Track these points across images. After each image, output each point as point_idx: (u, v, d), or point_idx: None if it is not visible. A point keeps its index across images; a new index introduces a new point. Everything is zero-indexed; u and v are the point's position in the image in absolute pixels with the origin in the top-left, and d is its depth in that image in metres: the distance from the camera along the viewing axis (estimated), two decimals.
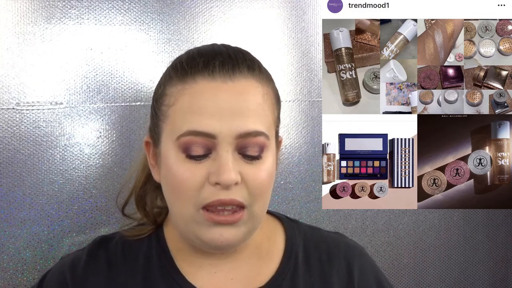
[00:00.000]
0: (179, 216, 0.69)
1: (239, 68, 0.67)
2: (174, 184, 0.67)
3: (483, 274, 1.20)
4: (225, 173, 0.64)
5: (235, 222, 0.66)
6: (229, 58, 0.68)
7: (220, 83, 0.66)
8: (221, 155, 0.65)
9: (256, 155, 0.67)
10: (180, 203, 0.67)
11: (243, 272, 0.74)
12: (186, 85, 0.67)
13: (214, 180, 0.64)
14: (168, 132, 0.68)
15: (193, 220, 0.67)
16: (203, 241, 0.68)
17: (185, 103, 0.66)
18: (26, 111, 0.88)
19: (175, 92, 0.68)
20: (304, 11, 1.07)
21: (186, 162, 0.66)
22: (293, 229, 0.79)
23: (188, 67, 0.68)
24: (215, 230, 0.66)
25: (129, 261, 0.74)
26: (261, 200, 0.68)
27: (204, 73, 0.66)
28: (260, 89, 0.69)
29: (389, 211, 1.13)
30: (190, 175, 0.65)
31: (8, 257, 0.87)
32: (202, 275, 0.73)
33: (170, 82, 0.69)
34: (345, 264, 0.77)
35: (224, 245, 0.67)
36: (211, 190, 0.65)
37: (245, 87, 0.67)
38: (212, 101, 0.65)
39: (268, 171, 0.68)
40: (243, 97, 0.66)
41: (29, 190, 0.88)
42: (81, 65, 0.91)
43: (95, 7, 0.92)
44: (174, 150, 0.67)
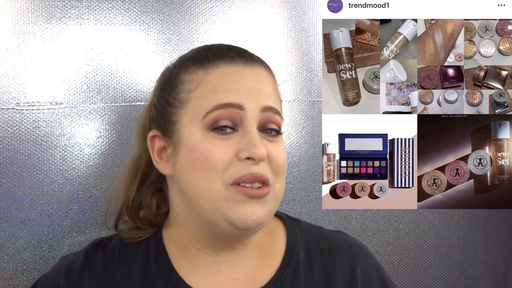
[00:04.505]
0: (206, 197, 0.67)
1: (255, 60, 0.72)
2: (202, 162, 0.66)
3: (483, 274, 1.20)
4: (257, 147, 0.65)
5: (265, 195, 0.66)
6: (243, 50, 0.73)
7: (242, 67, 0.70)
8: (249, 130, 0.67)
9: (277, 129, 0.70)
10: (208, 179, 0.66)
11: (245, 272, 0.73)
12: (208, 69, 0.70)
13: (245, 155, 0.65)
14: (191, 116, 0.69)
15: (223, 198, 0.66)
16: (234, 221, 0.66)
17: (209, 85, 0.69)
18: (26, 111, 0.88)
19: (196, 77, 0.70)
20: (304, 11, 1.07)
21: (213, 139, 0.67)
22: (294, 228, 0.79)
23: (210, 53, 0.71)
24: (246, 207, 0.66)
25: (126, 264, 0.73)
26: (281, 179, 0.70)
27: (225, 59, 0.70)
28: (272, 78, 0.74)
29: (389, 211, 1.13)
30: (218, 151, 0.66)
31: (8, 257, 0.87)
32: (203, 275, 0.72)
33: (187, 70, 0.71)
34: (348, 264, 0.76)
35: (254, 224, 0.66)
36: (241, 165, 0.66)
37: (262, 74, 0.72)
38: (236, 81, 0.69)
39: (285, 151, 0.72)
40: (262, 81, 0.71)
41: (29, 190, 0.88)
42: (81, 65, 0.91)
43: (95, 7, 0.92)
44: (200, 130, 0.67)
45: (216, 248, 0.72)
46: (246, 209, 0.66)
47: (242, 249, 0.73)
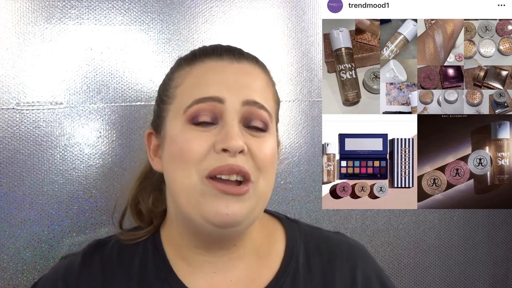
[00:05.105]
0: (183, 188, 0.66)
1: (245, 56, 0.71)
2: (179, 153, 0.66)
3: (483, 274, 1.20)
4: (232, 139, 0.64)
5: (242, 194, 0.65)
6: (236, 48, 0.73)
7: (228, 63, 0.69)
8: (228, 122, 0.66)
9: (261, 126, 0.68)
10: (184, 172, 0.66)
11: (243, 274, 0.73)
12: (194, 65, 0.70)
13: (221, 147, 0.64)
14: (175, 111, 0.69)
15: (198, 191, 0.65)
16: (207, 215, 0.64)
17: (192, 80, 0.69)
18: (26, 111, 0.88)
19: (183, 73, 0.71)
20: (304, 11, 1.07)
21: (192, 130, 0.66)
22: (293, 230, 0.78)
23: (197, 52, 0.72)
24: (220, 201, 0.64)
25: (124, 265, 0.73)
26: (266, 177, 0.68)
27: (212, 56, 0.70)
28: (264, 76, 0.72)
29: (389, 211, 1.13)
30: (195, 142, 0.65)
31: (8, 257, 0.87)
32: (200, 276, 0.72)
33: (177, 68, 0.73)
34: (347, 266, 0.76)
35: (229, 220, 0.64)
36: (217, 157, 0.65)
37: (251, 70, 0.71)
38: (219, 75, 0.68)
39: (272, 148, 0.69)
40: (249, 76, 0.70)
41: (29, 190, 0.88)
42: (81, 65, 0.91)
43: (95, 7, 0.92)
44: (181, 123, 0.67)
45: (207, 248, 0.71)
46: (220, 203, 0.64)
47: (235, 250, 0.72)
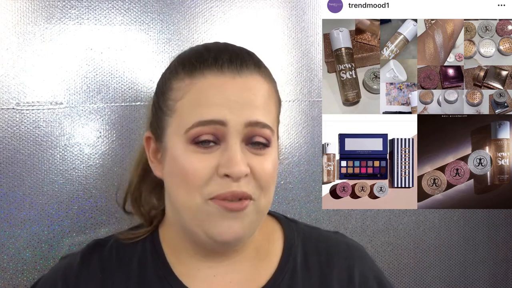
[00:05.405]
0: (186, 208, 0.67)
1: (246, 65, 0.69)
2: (182, 175, 0.66)
3: (483, 274, 1.20)
4: (236, 165, 0.64)
5: (243, 208, 0.65)
6: (237, 54, 0.69)
7: (229, 78, 0.67)
8: (231, 146, 0.65)
9: (263, 142, 0.67)
10: (187, 194, 0.66)
11: (242, 275, 0.73)
12: (194, 79, 0.67)
13: (223, 172, 0.64)
14: (176, 127, 0.68)
15: (203, 211, 0.65)
16: (212, 235, 0.66)
17: (193, 97, 0.67)
18: (26, 111, 0.88)
19: (183, 86, 0.68)
20: (304, 11, 1.07)
21: (194, 152, 0.66)
22: (291, 230, 0.78)
23: (197, 62, 0.68)
24: (224, 223, 0.65)
25: (123, 265, 0.73)
26: (267, 194, 0.68)
27: (213, 68, 0.67)
28: (266, 85, 0.70)
29: (389, 211, 1.13)
30: (199, 165, 0.65)
31: (8, 257, 0.87)
32: (200, 278, 0.72)
33: (177, 77, 0.70)
34: (345, 266, 0.76)
35: (232, 239, 0.66)
36: (220, 182, 0.65)
37: (253, 83, 0.68)
38: (221, 94, 0.66)
39: (274, 164, 0.69)
40: (251, 92, 0.68)
41: (29, 190, 0.88)
42: (81, 65, 0.91)
43: (95, 7, 0.92)
44: (182, 143, 0.66)
45: (207, 256, 0.72)
46: (224, 225, 0.65)
47: (237, 255, 0.73)
